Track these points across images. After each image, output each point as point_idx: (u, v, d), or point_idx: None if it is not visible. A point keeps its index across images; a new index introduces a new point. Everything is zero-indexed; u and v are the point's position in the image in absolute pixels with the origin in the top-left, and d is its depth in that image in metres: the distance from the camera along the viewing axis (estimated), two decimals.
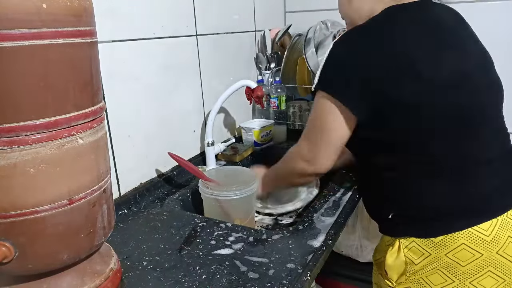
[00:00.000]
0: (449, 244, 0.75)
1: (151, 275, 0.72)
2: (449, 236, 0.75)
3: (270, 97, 1.49)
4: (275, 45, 1.55)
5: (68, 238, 0.57)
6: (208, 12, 1.23)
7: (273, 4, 1.67)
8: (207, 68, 1.26)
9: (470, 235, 0.74)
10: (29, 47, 0.48)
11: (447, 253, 0.75)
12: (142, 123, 1.04)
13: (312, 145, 0.84)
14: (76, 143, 0.55)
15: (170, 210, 0.98)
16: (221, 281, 0.69)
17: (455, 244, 0.74)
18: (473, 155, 0.77)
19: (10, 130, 0.49)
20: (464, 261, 0.75)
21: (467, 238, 0.74)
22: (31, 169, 0.51)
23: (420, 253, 0.77)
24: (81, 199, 0.57)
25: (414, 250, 0.78)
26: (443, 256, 0.75)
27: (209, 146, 1.21)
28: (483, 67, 0.81)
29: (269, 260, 0.74)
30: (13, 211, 0.52)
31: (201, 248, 0.80)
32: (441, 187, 0.76)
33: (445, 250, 0.75)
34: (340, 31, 1.36)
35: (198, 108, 1.26)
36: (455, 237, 0.74)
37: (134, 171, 1.03)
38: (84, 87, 0.56)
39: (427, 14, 0.79)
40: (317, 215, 0.91)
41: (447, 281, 0.77)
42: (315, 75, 1.35)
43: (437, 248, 0.76)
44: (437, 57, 0.74)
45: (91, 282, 0.63)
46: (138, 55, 1.00)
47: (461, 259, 0.75)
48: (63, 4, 0.50)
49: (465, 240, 0.74)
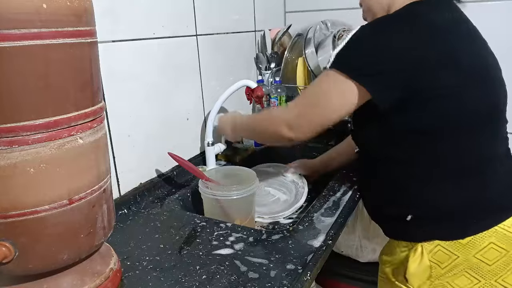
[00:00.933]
0: (478, 245, 0.73)
1: (151, 275, 0.72)
2: (477, 236, 0.73)
3: (270, 97, 1.49)
4: (275, 45, 1.55)
5: (68, 238, 0.57)
6: (208, 12, 1.23)
7: (273, 4, 1.67)
8: (207, 68, 1.26)
9: (497, 233, 0.73)
10: (29, 47, 0.48)
11: (475, 253, 0.73)
12: (142, 123, 1.04)
13: (302, 114, 0.82)
14: (76, 143, 0.55)
15: (170, 210, 0.98)
16: (221, 281, 0.69)
17: (484, 244, 0.73)
18: (491, 152, 0.77)
19: (10, 130, 0.49)
20: (491, 260, 0.73)
21: (495, 236, 0.73)
22: (31, 169, 0.51)
23: (447, 256, 0.75)
24: (81, 199, 0.57)
25: (440, 254, 0.76)
26: (471, 257, 0.74)
27: (209, 146, 1.21)
28: (497, 65, 0.81)
29: (269, 260, 0.74)
30: (13, 211, 0.52)
31: (201, 248, 0.80)
32: (465, 186, 0.75)
33: (473, 251, 0.73)
34: (340, 31, 1.36)
35: (198, 108, 1.26)
36: (483, 237, 0.73)
37: (134, 171, 1.03)
38: (84, 87, 0.56)
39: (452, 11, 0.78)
40: (317, 215, 0.91)
41: (473, 282, 0.75)
42: (315, 75, 1.36)
43: (465, 250, 0.74)
44: (469, 52, 0.74)
45: (91, 282, 0.63)
46: (138, 55, 1.00)
47: (489, 258, 0.73)
48: (63, 4, 0.50)
49: (493, 239, 0.73)
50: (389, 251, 0.88)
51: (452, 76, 0.71)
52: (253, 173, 1.00)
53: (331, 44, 1.31)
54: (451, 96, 0.72)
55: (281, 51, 1.54)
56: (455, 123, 0.73)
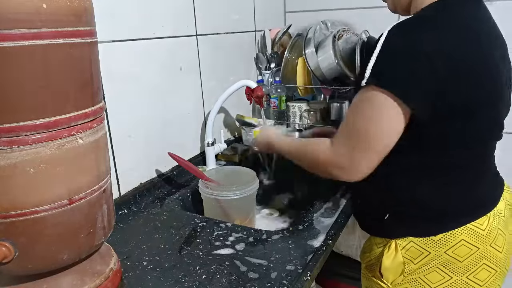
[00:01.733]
0: (449, 241, 0.75)
1: (151, 275, 0.72)
2: (449, 234, 0.75)
3: (270, 97, 1.49)
4: (275, 45, 1.55)
5: (68, 238, 0.57)
6: (208, 12, 1.23)
7: (273, 4, 1.67)
8: (207, 68, 1.26)
9: (469, 230, 0.74)
10: (29, 47, 0.48)
11: (446, 250, 0.75)
12: (142, 123, 1.04)
13: (354, 152, 0.71)
14: (76, 143, 0.55)
15: (170, 210, 0.98)
16: (221, 281, 0.69)
17: (455, 241, 0.74)
18: (486, 162, 0.79)
19: (10, 130, 0.49)
20: (462, 257, 0.75)
21: (466, 234, 0.74)
22: (31, 169, 0.51)
23: (419, 252, 0.77)
24: (81, 199, 0.57)
25: (413, 250, 0.77)
26: (442, 253, 0.75)
27: (209, 146, 1.21)
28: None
29: (269, 260, 0.74)
30: (13, 211, 0.52)
31: (201, 248, 0.80)
32: (447, 189, 0.76)
33: (445, 247, 0.75)
34: (340, 31, 1.36)
35: (198, 108, 1.26)
36: (455, 234, 0.74)
37: (134, 171, 1.03)
38: (84, 87, 0.56)
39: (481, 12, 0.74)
40: (317, 215, 0.91)
41: (445, 278, 0.77)
42: (315, 75, 1.36)
43: (437, 246, 0.75)
44: (502, 61, 0.73)
45: (91, 282, 0.63)
46: (138, 55, 1.00)
47: (459, 254, 0.75)
48: (63, 4, 0.50)
49: (465, 236, 0.74)
50: (366, 248, 0.89)
51: (481, 93, 0.69)
52: (253, 173, 1.00)
53: (331, 44, 1.30)
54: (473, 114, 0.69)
55: (281, 51, 1.54)
56: (463, 139, 0.73)
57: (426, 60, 0.64)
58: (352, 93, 1.40)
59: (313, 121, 1.46)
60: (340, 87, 1.38)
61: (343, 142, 0.73)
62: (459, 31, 0.68)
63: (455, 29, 0.68)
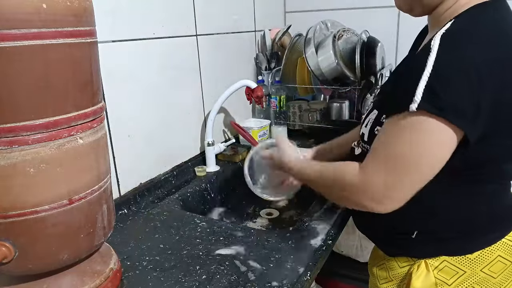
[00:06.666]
0: (486, 259, 0.71)
1: (151, 275, 0.72)
2: (485, 251, 0.71)
3: (270, 97, 1.49)
4: (275, 45, 1.55)
5: (68, 238, 0.57)
6: (208, 12, 1.23)
7: (273, 4, 1.67)
8: (207, 68, 1.26)
9: (504, 245, 0.71)
10: (29, 47, 0.48)
11: (482, 268, 0.71)
12: (142, 123, 1.04)
13: (395, 182, 0.63)
14: (76, 143, 0.55)
15: (170, 210, 0.98)
16: (221, 281, 0.69)
17: (492, 257, 0.71)
18: None
19: (10, 130, 0.49)
20: (496, 273, 0.72)
21: (503, 249, 0.71)
22: (31, 169, 0.51)
23: (454, 272, 0.72)
24: (81, 199, 0.57)
25: (447, 270, 0.72)
26: (478, 271, 0.71)
27: (209, 146, 1.21)
28: None
29: (269, 260, 0.74)
30: (13, 211, 0.52)
31: (201, 248, 0.80)
32: (482, 203, 0.71)
33: (481, 265, 0.71)
34: (340, 31, 1.36)
35: (198, 108, 1.26)
36: (492, 250, 0.71)
37: (134, 171, 1.03)
38: (84, 87, 0.56)
39: None
40: (317, 215, 0.91)
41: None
42: (315, 75, 1.37)
43: (473, 264, 0.71)
44: None
45: (91, 282, 0.63)
46: (138, 55, 1.00)
47: (494, 271, 0.72)
48: (63, 4, 0.50)
49: (501, 251, 0.71)
50: (382, 264, 0.83)
51: None
52: None
53: (331, 44, 1.30)
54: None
55: (281, 51, 1.54)
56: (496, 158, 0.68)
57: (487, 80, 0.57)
58: (352, 93, 1.41)
59: (313, 121, 1.46)
60: (340, 87, 1.39)
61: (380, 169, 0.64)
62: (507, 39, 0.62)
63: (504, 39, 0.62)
